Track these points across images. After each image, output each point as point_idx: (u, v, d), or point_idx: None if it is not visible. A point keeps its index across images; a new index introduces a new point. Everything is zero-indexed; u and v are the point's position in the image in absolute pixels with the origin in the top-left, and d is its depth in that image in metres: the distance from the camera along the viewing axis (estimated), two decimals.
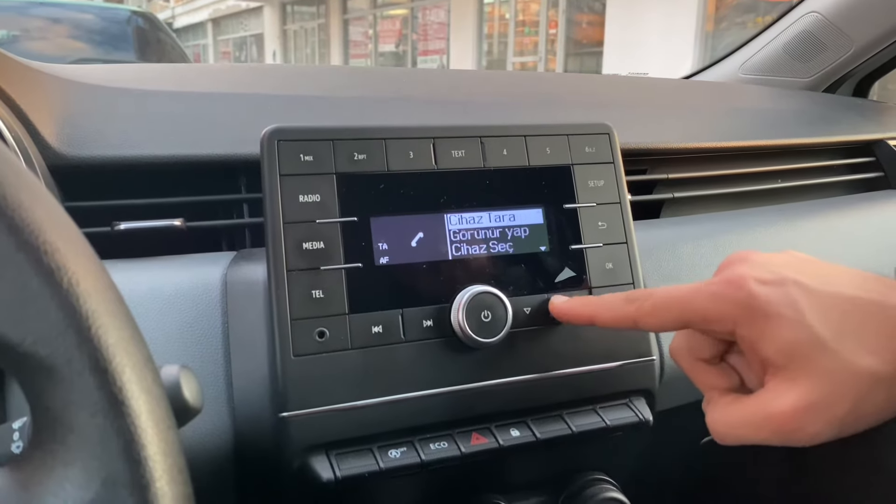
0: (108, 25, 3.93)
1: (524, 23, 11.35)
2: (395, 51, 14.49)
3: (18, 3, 3.69)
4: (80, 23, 3.80)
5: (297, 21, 18.44)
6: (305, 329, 0.53)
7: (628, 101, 0.98)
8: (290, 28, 18.58)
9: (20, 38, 3.50)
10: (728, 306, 0.43)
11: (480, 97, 0.91)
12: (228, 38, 21.55)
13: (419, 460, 0.54)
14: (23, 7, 3.67)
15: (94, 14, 3.94)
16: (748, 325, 0.42)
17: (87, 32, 3.77)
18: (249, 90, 0.78)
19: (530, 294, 0.59)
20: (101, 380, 0.28)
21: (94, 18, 3.91)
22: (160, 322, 0.53)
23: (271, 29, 18.69)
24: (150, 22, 4.48)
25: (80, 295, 0.29)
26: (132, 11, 4.62)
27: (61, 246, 0.29)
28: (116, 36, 3.89)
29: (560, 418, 0.59)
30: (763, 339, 0.42)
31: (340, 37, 15.89)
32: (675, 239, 0.75)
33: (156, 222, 0.61)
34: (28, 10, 3.67)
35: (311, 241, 0.54)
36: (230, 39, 21.43)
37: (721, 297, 0.43)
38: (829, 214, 0.88)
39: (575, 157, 0.63)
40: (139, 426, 0.29)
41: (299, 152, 0.55)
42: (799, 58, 1.26)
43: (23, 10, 3.64)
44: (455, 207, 0.59)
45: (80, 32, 3.71)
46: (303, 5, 17.95)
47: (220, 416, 0.52)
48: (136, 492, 0.28)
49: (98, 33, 3.81)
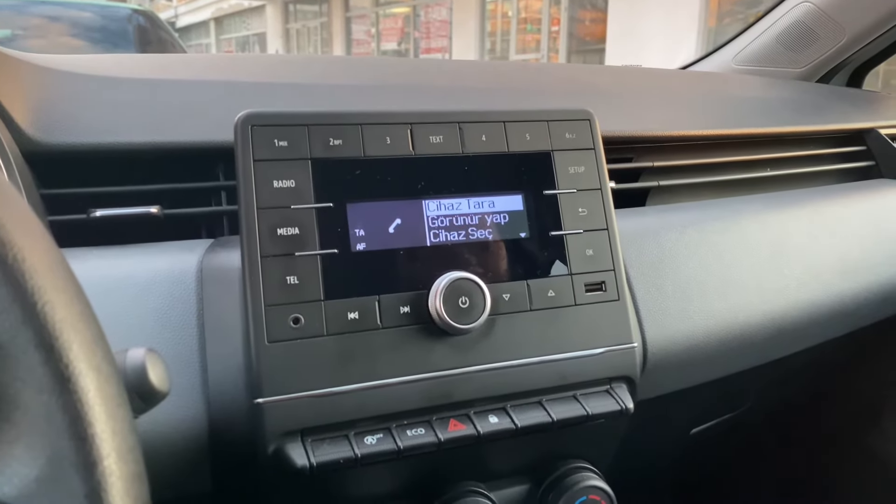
0: (108, 23, 3.92)
1: (526, 20, 11.33)
2: (397, 49, 14.47)
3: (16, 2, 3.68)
4: (80, 21, 3.79)
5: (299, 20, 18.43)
6: (280, 315, 0.52)
7: (616, 90, 0.98)
8: (292, 27, 18.57)
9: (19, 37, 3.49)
10: None
11: (463, 85, 0.90)
12: (231, 38, 21.55)
13: (396, 447, 0.54)
14: (22, 5, 3.67)
15: (94, 12, 3.94)
16: None
17: (87, 30, 3.76)
18: (228, 77, 0.78)
19: (510, 280, 0.59)
20: (47, 356, 0.28)
21: (94, 17, 3.90)
22: (134, 308, 0.53)
23: (274, 28, 18.68)
24: (151, 20, 4.47)
25: (26, 271, 0.28)
26: (133, 10, 4.61)
27: (7, 222, 0.29)
28: (116, 34, 3.88)
29: (539, 405, 0.59)
30: None
31: (343, 35, 15.87)
32: (659, 227, 0.74)
33: (132, 209, 0.61)
34: (27, 9, 3.66)
35: (285, 226, 0.53)
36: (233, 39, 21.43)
37: None
38: (819, 203, 0.87)
39: (555, 143, 0.63)
40: (86, 403, 0.28)
41: (273, 137, 0.54)
42: (792, 48, 1.25)
43: (22, 8, 3.64)
44: (433, 193, 0.58)
45: (79, 30, 3.71)
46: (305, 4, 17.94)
47: (194, 403, 0.52)
48: (82, 470, 0.28)
49: (97, 31, 3.80)
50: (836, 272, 0.82)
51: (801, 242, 0.81)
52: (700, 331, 0.69)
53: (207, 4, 21.04)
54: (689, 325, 0.69)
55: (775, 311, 0.75)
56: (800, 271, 0.79)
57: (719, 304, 0.72)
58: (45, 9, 3.80)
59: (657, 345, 0.66)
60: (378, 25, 15.04)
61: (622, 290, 0.62)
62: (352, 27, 15.93)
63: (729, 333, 0.71)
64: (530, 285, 0.59)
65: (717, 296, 0.72)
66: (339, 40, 15.94)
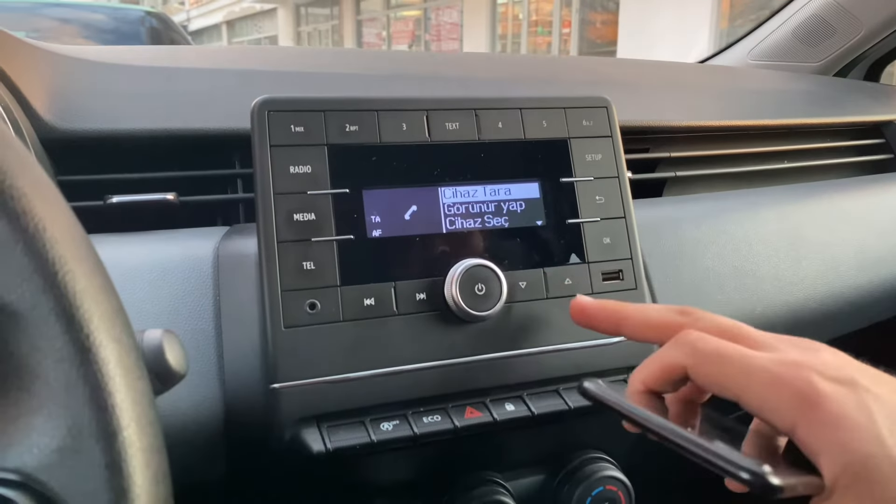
0: (120, 25, 3.95)
1: (537, 23, 11.33)
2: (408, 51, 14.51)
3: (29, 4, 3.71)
4: (92, 23, 3.82)
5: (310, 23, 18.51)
6: (296, 300, 0.52)
7: (632, 82, 0.97)
8: (303, 30, 18.65)
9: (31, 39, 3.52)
10: (789, 399, 0.36)
11: (478, 76, 0.90)
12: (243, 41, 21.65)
13: (412, 433, 0.53)
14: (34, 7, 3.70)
15: (106, 14, 3.97)
16: (812, 428, 0.35)
17: (99, 32, 3.79)
18: (243, 66, 0.78)
19: (526, 268, 0.58)
20: (68, 326, 0.28)
21: (106, 19, 3.93)
22: (150, 294, 0.53)
23: (285, 31, 18.76)
24: (164, 22, 4.50)
25: (47, 241, 0.28)
26: (146, 12, 4.64)
27: (29, 191, 0.28)
28: (128, 35, 3.91)
29: (556, 394, 0.59)
30: (831, 448, 0.35)
31: (354, 38, 15.92)
32: (677, 217, 0.73)
33: (148, 196, 0.61)
34: (39, 11, 3.69)
35: (301, 212, 0.53)
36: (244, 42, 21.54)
37: (781, 385, 0.37)
38: (837, 195, 0.86)
39: (572, 130, 0.62)
40: (106, 374, 0.28)
41: (290, 123, 0.54)
42: (808, 42, 1.24)
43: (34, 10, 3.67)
44: (449, 180, 0.58)
45: (91, 32, 3.73)
46: (316, 7, 18.02)
47: (210, 388, 0.52)
48: (102, 440, 0.28)
49: (110, 33, 3.82)
50: (855, 265, 0.81)
51: (819, 235, 0.80)
52: None
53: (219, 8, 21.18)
54: None
55: (793, 302, 0.74)
56: (818, 263, 0.78)
57: (737, 295, 0.71)
58: (57, 11, 3.83)
59: None
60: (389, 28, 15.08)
61: (640, 279, 0.62)
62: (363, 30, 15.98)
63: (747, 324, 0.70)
64: (547, 273, 0.59)
65: (734, 287, 0.71)
66: (349, 43, 15.99)
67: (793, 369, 0.37)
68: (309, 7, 18.28)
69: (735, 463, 0.35)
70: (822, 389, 0.36)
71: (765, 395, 0.37)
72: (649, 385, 0.44)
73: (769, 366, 0.38)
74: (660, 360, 0.43)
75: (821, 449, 0.35)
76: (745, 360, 0.39)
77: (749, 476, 0.34)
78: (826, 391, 0.36)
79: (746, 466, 0.35)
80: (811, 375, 0.36)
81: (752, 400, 0.38)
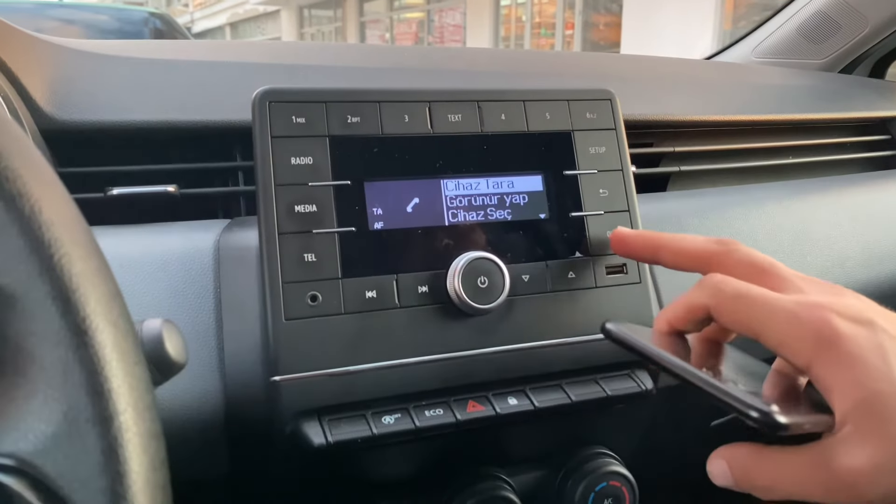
0: (124, 26, 3.96)
1: (540, 24, 11.33)
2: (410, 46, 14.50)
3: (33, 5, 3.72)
4: (95, 24, 3.83)
5: (314, 24, 18.54)
6: (297, 292, 0.52)
7: (636, 76, 0.97)
8: (307, 31, 18.67)
9: None
10: (807, 337, 0.37)
11: (481, 69, 0.90)
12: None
13: (413, 427, 0.53)
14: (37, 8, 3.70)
15: (110, 15, 3.97)
16: (827, 365, 0.36)
17: (102, 33, 3.80)
18: (245, 59, 0.78)
19: (529, 261, 0.58)
20: (64, 309, 0.27)
21: (110, 20, 3.94)
22: (151, 285, 0.53)
23: (289, 33, 18.79)
24: (168, 24, 4.50)
25: (44, 223, 0.28)
26: (149, 13, 4.66)
27: (24, 173, 0.28)
28: (132, 36, 3.91)
29: (559, 388, 0.58)
30: (844, 385, 0.36)
31: (357, 40, 15.94)
32: (681, 212, 0.73)
33: (149, 188, 0.61)
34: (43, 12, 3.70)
35: (303, 203, 0.53)
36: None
37: (800, 324, 0.38)
38: (843, 191, 0.86)
39: (575, 122, 0.62)
40: (103, 358, 0.28)
41: (291, 114, 0.54)
42: (813, 39, 1.24)
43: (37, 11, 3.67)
44: (452, 172, 0.57)
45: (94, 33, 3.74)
46: (320, 9, 18.05)
47: (211, 380, 0.52)
48: (98, 425, 0.27)
49: (113, 34, 3.83)
50: (860, 261, 0.80)
51: (824, 230, 0.79)
52: None
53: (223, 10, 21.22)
54: None
55: None
56: (823, 259, 0.77)
57: None
58: (60, 12, 3.84)
59: None
60: (392, 30, 15.10)
61: (644, 273, 0.61)
62: (366, 32, 16.00)
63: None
64: (550, 266, 0.58)
65: None
66: None
67: (814, 309, 0.38)
68: (312, 9, 18.31)
69: (744, 402, 0.36)
70: (839, 329, 0.37)
71: (784, 333, 0.38)
72: (673, 325, 0.46)
73: (790, 306, 0.39)
74: (684, 301, 0.45)
75: (834, 385, 0.36)
76: (767, 300, 0.40)
77: (757, 414, 0.35)
78: (843, 330, 0.37)
79: (755, 405, 0.35)
80: (831, 315, 0.37)
81: (772, 337, 0.39)
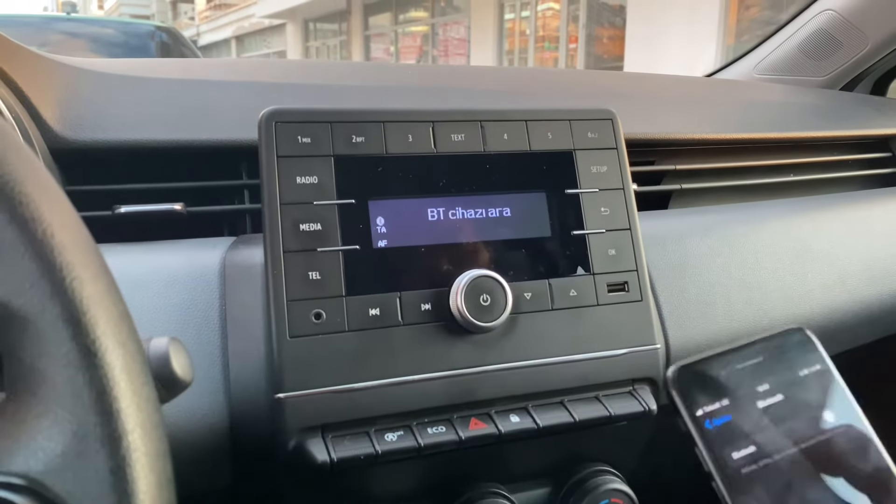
0: (130, 39, 3.99)
1: (544, 38, 11.36)
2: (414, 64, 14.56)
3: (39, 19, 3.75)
4: (102, 37, 3.86)
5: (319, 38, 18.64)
6: (302, 310, 0.52)
7: (637, 94, 0.97)
8: (312, 45, 18.77)
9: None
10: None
11: (484, 88, 0.91)
12: (251, 55, 21.81)
13: (416, 445, 0.53)
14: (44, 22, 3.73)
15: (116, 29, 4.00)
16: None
17: (108, 46, 3.82)
18: (251, 79, 0.79)
19: (531, 279, 0.58)
20: (74, 331, 0.28)
21: (116, 33, 3.97)
22: (157, 303, 0.53)
23: (294, 46, 18.89)
24: (174, 37, 4.54)
25: (56, 247, 0.28)
26: (155, 26, 4.69)
27: (37, 197, 0.29)
28: (138, 49, 3.94)
29: (562, 406, 0.58)
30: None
31: (362, 53, 16.01)
32: (682, 229, 0.73)
33: (156, 206, 0.62)
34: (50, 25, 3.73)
35: (308, 222, 0.54)
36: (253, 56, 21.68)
37: None
38: (844, 208, 0.86)
39: (577, 142, 0.63)
40: (112, 379, 0.28)
41: (297, 134, 0.55)
42: (814, 56, 1.25)
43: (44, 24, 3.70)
44: (455, 191, 0.58)
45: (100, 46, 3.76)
46: (325, 22, 18.14)
47: (215, 397, 0.52)
48: (107, 444, 0.28)
49: (119, 47, 3.86)
50: (863, 279, 0.80)
51: (825, 248, 0.80)
52: (724, 333, 0.68)
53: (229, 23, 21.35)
54: (713, 328, 0.68)
55: (800, 315, 0.74)
56: (825, 276, 0.77)
57: (743, 308, 0.71)
58: (67, 25, 3.87)
59: (680, 346, 0.65)
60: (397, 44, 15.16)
61: (645, 291, 0.62)
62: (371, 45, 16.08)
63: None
64: (552, 284, 0.59)
65: (740, 299, 0.71)
66: (358, 58, 16.07)
67: None
68: (317, 22, 18.42)
69: None
70: None
71: None
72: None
73: None
74: None
75: None
76: None
77: None
78: None
79: None
80: None
81: None
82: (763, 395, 0.36)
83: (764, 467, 0.34)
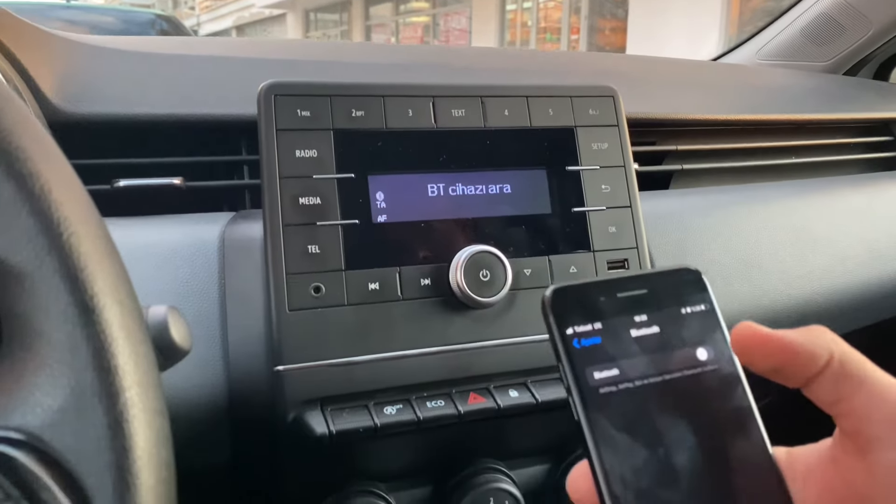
0: (130, 27, 3.97)
1: (546, 29, 11.32)
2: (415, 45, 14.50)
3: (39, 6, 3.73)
4: (101, 25, 3.84)
5: (320, 28, 18.58)
6: (301, 284, 0.52)
7: (640, 76, 0.97)
8: (313, 35, 18.71)
9: None
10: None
11: (485, 67, 0.90)
12: None
13: (415, 418, 0.53)
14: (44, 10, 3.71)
15: (116, 17, 3.99)
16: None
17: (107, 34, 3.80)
18: (251, 55, 0.78)
19: (531, 256, 0.58)
20: (72, 286, 0.28)
21: (116, 21, 3.95)
22: (156, 276, 0.53)
23: (294, 36, 18.84)
24: (174, 26, 4.52)
25: (53, 202, 0.28)
26: (156, 15, 4.68)
27: (34, 154, 0.29)
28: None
29: (560, 381, 0.58)
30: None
31: None
32: (683, 209, 0.73)
33: (155, 180, 0.61)
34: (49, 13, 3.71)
35: (307, 196, 0.53)
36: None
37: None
38: (845, 191, 0.86)
39: (578, 119, 0.62)
40: (110, 335, 0.28)
41: (296, 107, 0.54)
42: (817, 41, 1.24)
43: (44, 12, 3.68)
44: (455, 167, 0.58)
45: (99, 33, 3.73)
46: (326, 13, 18.09)
47: (215, 370, 0.52)
48: (105, 400, 0.28)
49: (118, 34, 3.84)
50: (862, 261, 0.80)
51: (825, 229, 0.79)
52: (723, 312, 0.68)
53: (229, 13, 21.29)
54: None
55: (799, 296, 0.74)
56: (824, 258, 0.77)
57: (742, 288, 0.71)
58: (66, 13, 3.85)
59: None
60: (398, 34, 15.12)
61: (645, 268, 0.62)
62: (372, 36, 16.02)
63: (752, 317, 0.70)
64: (552, 261, 0.59)
65: (740, 279, 0.71)
66: None
67: None
68: (318, 12, 18.36)
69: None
70: None
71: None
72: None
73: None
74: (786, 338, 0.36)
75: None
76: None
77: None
78: None
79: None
80: None
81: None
82: (638, 325, 0.35)
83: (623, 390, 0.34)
